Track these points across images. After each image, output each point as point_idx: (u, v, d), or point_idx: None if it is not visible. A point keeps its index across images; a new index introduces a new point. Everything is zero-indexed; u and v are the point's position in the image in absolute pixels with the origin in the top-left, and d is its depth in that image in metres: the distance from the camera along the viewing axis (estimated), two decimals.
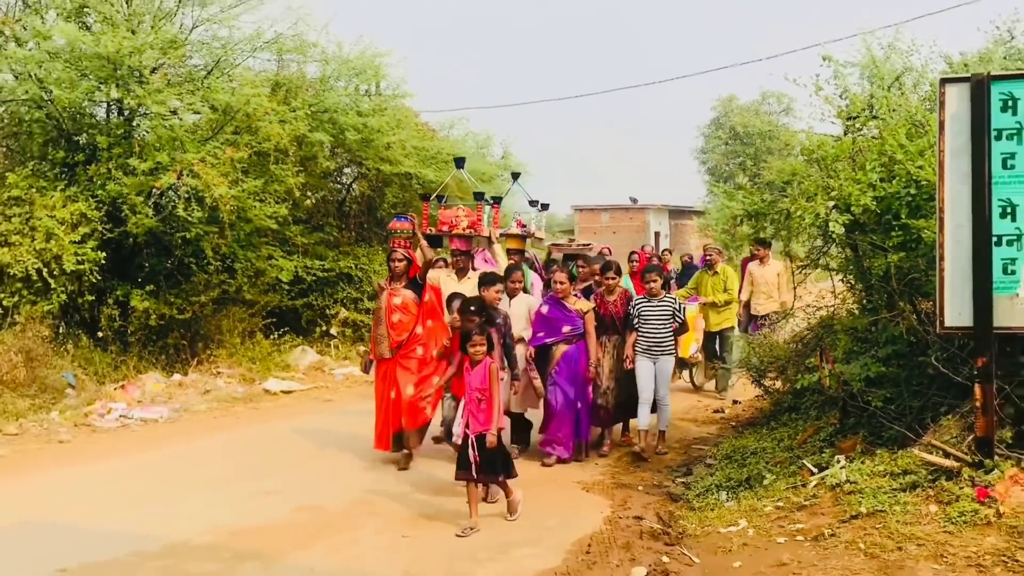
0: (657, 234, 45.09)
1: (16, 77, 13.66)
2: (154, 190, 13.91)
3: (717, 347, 13.66)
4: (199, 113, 14.61)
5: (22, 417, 11.30)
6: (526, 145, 69.27)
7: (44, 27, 13.48)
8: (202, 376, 14.20)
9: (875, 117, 8.26)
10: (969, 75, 6.53)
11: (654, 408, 9.74)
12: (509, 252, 10.95)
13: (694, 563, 6.13)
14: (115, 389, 12.92)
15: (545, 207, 12.19)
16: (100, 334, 14.10)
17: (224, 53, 15.22)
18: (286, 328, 16.57)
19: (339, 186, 19.99)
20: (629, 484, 8.51)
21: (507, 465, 7.33)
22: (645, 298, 9.69)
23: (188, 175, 13.50)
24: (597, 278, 10.19)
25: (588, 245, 12.83)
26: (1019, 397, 6.52)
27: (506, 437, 8.26)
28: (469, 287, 9.25)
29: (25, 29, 13.58)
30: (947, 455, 6.38)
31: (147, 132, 14.38)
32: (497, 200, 11.04)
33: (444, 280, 9.77)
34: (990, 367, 6.24)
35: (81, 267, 13.02)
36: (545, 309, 9.51)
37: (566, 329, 9.36)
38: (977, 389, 6.26)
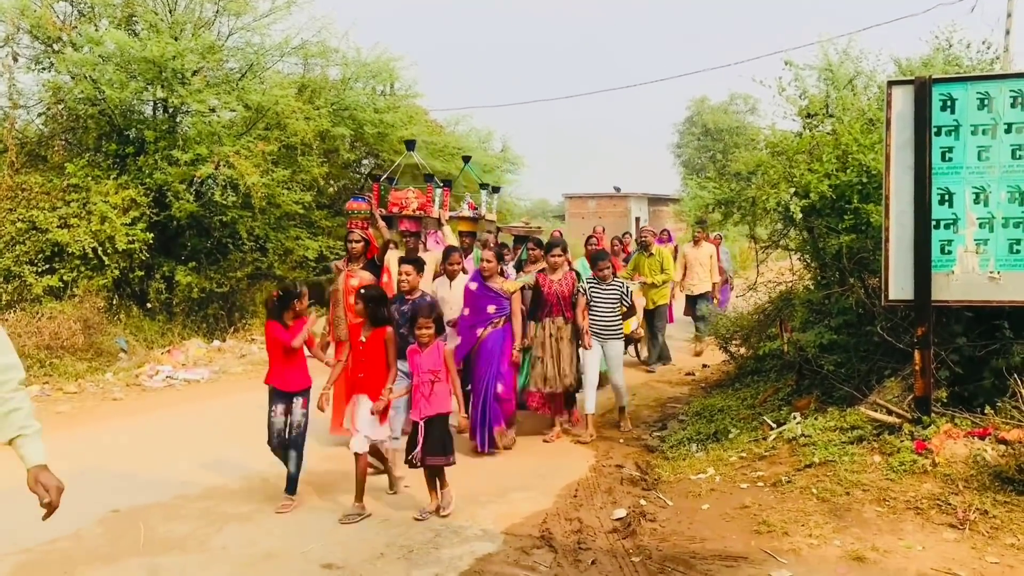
0: (637, 219, 44.98)
1: (73, 78, 13.62)
2: (195, 179, 13.87)
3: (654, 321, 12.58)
4: (234, 111, 14.55)
5: (81, 378, 11.31)
6: (523, 140, 69.04)
7: (97, 34, 13.41)
8: (238, 342, 14.21)
9: (831, 115, 8.22)
10: (913, 78, 6.51)
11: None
12: (461, 235, 9.96)
13: (668, 505, 6.15)
14: (162, 353, 12.92)
15: (496, 190, 11.02)
16: (149, 305, 14.10)
17: (256, 58, 15.16)
18: (312, 300, 16.50)
19: (358, 175, 19.92)
20: (611, 437, 8.52)
21: (447, 447, 6.18)
22: (595, 280, 8.50)
23: (225, 166, 13.48)
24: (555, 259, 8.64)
25: (539, 228, 12.03)
26: (953, 362, 6.53)
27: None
28: None
29: (80, 35, 13.50)
30: (890, 412, 6.39)
31: (189, 127, 14.37)
32: (448, 183, 9.95)
33: (394, 261, 8.66)
34: (928, 335, 6.25)
35: (132, 246, 13.01)
36: (473, 286, 8.17)
37: (491, 309, 8.03)
38: (917, 355, 6.28)
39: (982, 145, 6.21)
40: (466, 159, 12.50)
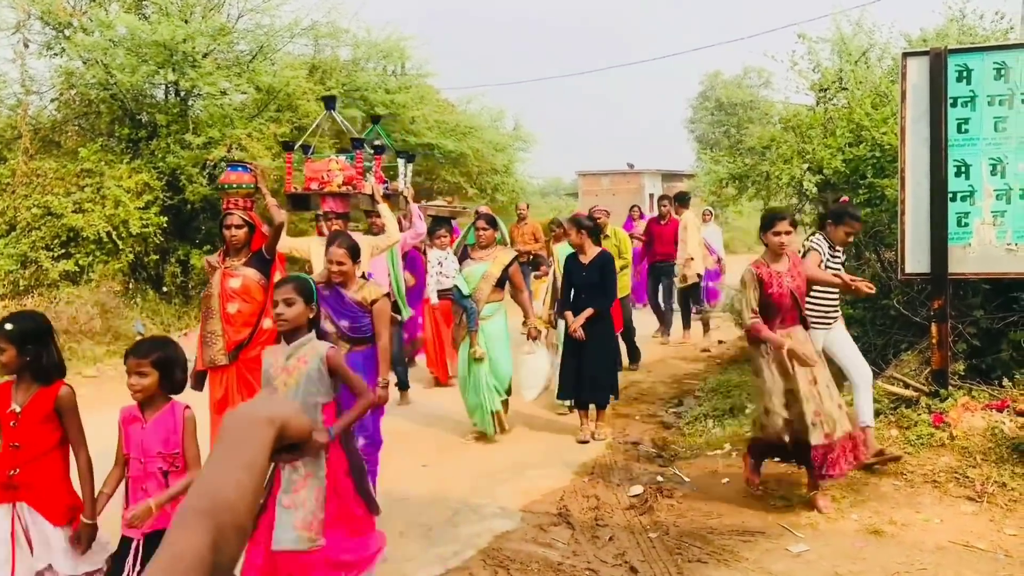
0: (651, 195, 44.88)
1: (84, 63, 13.66)
2: (207, 162, 13.92)
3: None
4: (245, 93, 14.57)
5: (99, 361, 11.41)
6: (536, 117, 68.76)
7: (107, 18, 13.43)
8: None
9: (844, 89, 8.19)
10: (928, 49, 6.47)
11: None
12: (367, 214, 8.42)
13: (685, 481, 6.18)
14: (179, 337, 13.02)
15: (411, 159, 8.96)
16: (164, 288, 14.19)
17: (267, 39, 15.13)
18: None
19: (370, 155, 19.93)
20: (628, 414, 8.54)
21: None
22: (828, 243, 5.91)
23: (237, 148, 13.51)
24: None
25: (464, 208, 10.73)
26: (970, 335, 6.52)
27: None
28: None
29: (91, 20, 13.53)
30: (907, 386, 6.40)
31: (200, 111, 14.39)
32: (379, 150, 7.86)
33: (316, 250, 6.98)
34: (945, 309, 6.24)
35: (146, 230, 13.08)
36: (326, 292, 5.34)
37: (343, 324, 5.38)
38: (933, 328, 6.27)
39: (999, 116, 6.17)
40: (375, 119, 9.50)
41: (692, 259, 11.68)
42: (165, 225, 13.46)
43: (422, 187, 20.04)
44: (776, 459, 5.81)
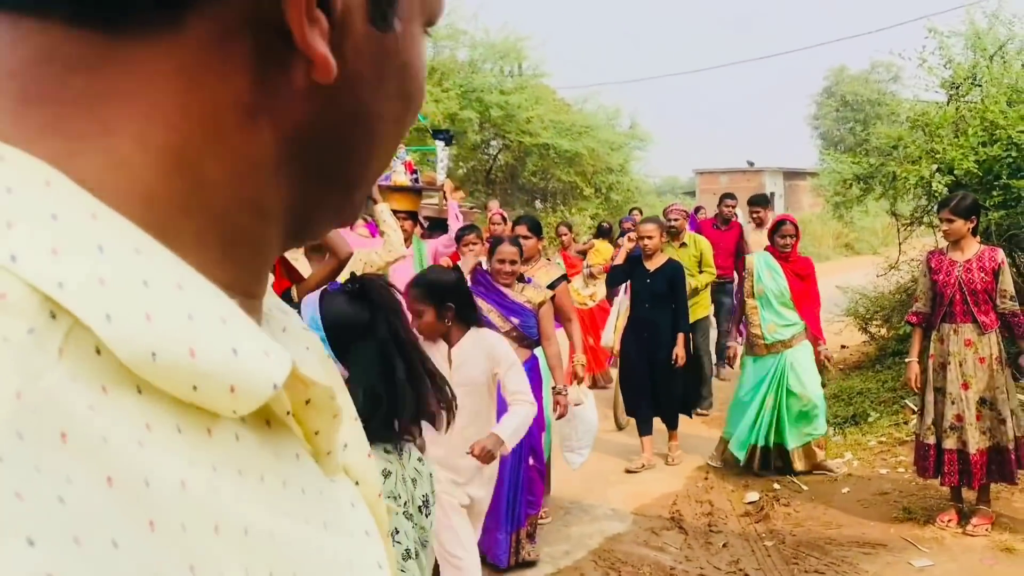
0: (772, 194, 43.92)
1: None
2: None
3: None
4: None
5: None
6: (652, 115, 68.11)
7: None
8: None
9: (978, 85, 7.87)
10: None
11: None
12: (395, 214, 5.81)
13: (803, 490, 6.08)
14: None
15: (450, 140, 7.50)
16: None
17: None
18: None
19: (486, 156, 20.23)
20: None
21: None
22: None
23: None
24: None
25: (473, 209, 9.08)
26: None
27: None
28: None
29: None
30: None
31: None
32: None
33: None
34: None
35: None
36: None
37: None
38: None
39: None
40: None
41: None
42: None
43: (536, 187, 20.21)
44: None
